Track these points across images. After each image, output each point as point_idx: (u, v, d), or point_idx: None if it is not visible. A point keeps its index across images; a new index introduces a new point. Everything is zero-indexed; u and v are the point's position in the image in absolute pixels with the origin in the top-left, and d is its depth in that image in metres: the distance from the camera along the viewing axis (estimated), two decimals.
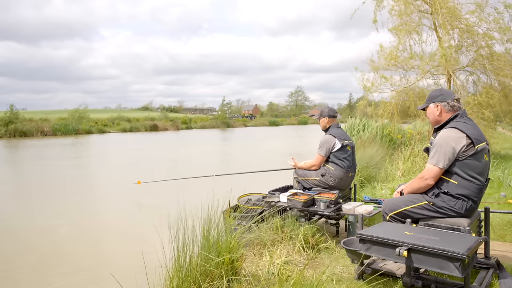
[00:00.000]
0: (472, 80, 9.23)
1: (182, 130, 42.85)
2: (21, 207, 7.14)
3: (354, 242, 2.82)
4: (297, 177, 4.16)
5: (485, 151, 2.47)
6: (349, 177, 3.98)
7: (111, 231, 5.59)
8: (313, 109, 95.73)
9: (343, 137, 3.97)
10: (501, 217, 4.07)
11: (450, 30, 8.45)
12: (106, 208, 7.03)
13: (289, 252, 3.19)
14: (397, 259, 2.17)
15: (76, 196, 8.06)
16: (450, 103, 2.58)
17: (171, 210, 2.68)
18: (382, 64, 9.20)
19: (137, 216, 6.35)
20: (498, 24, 8.17)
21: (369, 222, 3.94)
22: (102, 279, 3.68)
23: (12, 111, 31.50)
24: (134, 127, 39.30)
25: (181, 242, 2.44)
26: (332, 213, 3.49)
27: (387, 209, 2.67)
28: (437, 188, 2.48)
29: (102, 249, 4.77)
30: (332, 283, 2.62)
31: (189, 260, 2.43)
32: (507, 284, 2.45)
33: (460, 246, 2.01)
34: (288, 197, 3.64)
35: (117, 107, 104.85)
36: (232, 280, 2.48)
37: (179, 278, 2.37)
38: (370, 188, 6.16)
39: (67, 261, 4.34)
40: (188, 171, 9.69)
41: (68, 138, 28.61)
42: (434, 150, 2.47)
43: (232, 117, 67.74)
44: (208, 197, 2.71)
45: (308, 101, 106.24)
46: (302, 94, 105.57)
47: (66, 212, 6.62)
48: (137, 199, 7.26)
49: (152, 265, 2.35)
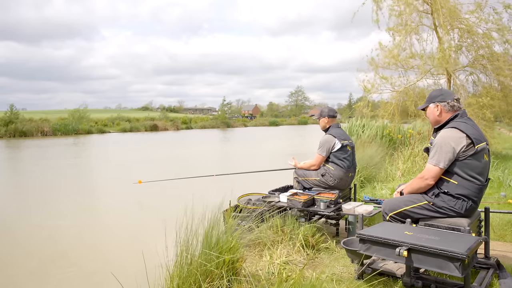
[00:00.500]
0: (472, 80, 9.25)
1: (182, 130, 42.85)
2: (21, 207, 7.14)
3: (354, 242, 2.82)
4: (297, 177, 4.16)
5: (485, 151, 2.47)
6: (349, 177, 3.98)
7: (112, 231, 5.59)
8: (313, 109, 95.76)
9: (343, 137, 3.98)
10: (501, 217, 4.07)
11: (450, 30, 8.46)
12: (106, 208, 7.03)
13: (289, 252, 3.19)
14: (397, 259, 2.17)
15: (76, 196, 8.07)
16: (450, 103, 2.58)
17: (172, 210, 2.69)
18: (382, 62, 9.21)
19: (138, 216, 6.35)
20: (498, 25, 8.18)
21: (369, 222, 3.94)
22: (102, 279, 3.69)
23: (12, 111, 31.52)
24: (134, 127, 39.31)
25: (182, 242, 2.44)
26: (332, 213, 3.49)
27: (387, 209, 2.67)
28: (437, 188, 2.48)
29: (103, 249, 4.77)
30: (332, 283, 2.62)
31: (190, 260, 2.43)
32: (507, 284, 2.45)
33: (460, 246, 2.01)
34: (288, 197, 3.64)
35: (117, 107, 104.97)
36: (232, 280, 2.48)
37: (180, 278, 2.37)
38: (370, 188, 6.16)
39: (67, 261, 4.34)
40: (188, 171, 9.68)
41: (68, 138, 28.61)
42: (434, 150, 2.47)
43: (232, 117, 67.74)
44: (208, 197, 2.72)
45: (308, 101, 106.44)
46: (302, 94, 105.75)
47: (66, 212, 6.62)
48: (137, 199, 7.26)
49: (153, 265, 2.35)
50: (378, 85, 9.40)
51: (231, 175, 5.15)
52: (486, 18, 8.33)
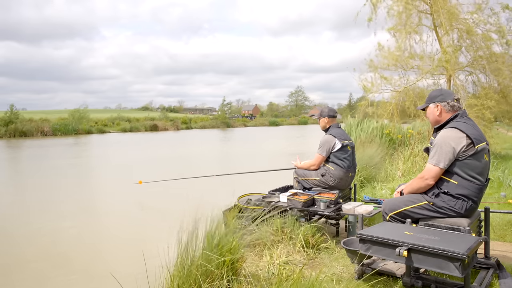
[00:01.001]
0: (472, 80, 9.25)
1: (182, 130, 42.84)
2: (21, 207, 7.14)
3: (354, 242, 2.82)
4: (297, 177, 4.16)
5: (485, 151, 2.47)
6: (349, 177, 3.98)
7: (112, 231, 5.59)
8: (313, 109, 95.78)
9: (343, 137, 3.98)
10: (501, 217, 4.07)
11: (449, 31, 8.46)
12: (106, 208, 7.03)
13: (289, 252, 3.20)
14: (397, 259, 2.17)
15: (76, 196, 8.07)
16: (450, 103, 2.58)
17: (172, 210, 2.69)
18: (381, 63, 9.21)
19: (138, 216, 6.35)
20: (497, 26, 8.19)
21: (369, 222, 3.94)
22: (102, 279, 3.68)
23: (12, 111, 31.52)
24: (134, 127, 39.30)
25: (183, 243, 2.45)
26: (332, 213, 3.49)
27: (387, 209, 2.67)
28: (437, 188, 2.48)
29: (102, 249, 4.77)
30: (332, 283, 2.62)
31: (191, 260, 2.43)
32: (507, 284, 2.46)
33: (460, 246, 2.02)
34: (288, 197, 3.64)
35: (117, 107, 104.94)
36: (232, 280, 2.48)
37: (180, 278, 2.38)
38: (370, 188, 6.16)
39: (67, 261, 4.34)
40: (188, 171, 9.68)
41: (68, 138, 28.61)
42: (434, 150, 2.47)
43: (232, 117, 67.74)
44: (208, 197, 2.72)
45: (308, 101, 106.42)
46: (302, 94, 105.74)
47: (66, 212, 6.62)
48: (138, 200, 7.26)
49: (153, 265, 2.35)
50: (378, 85, 9.40)
51: (232, 175, 5.15)
52: (485, 19, 8.34)
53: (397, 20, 9.00)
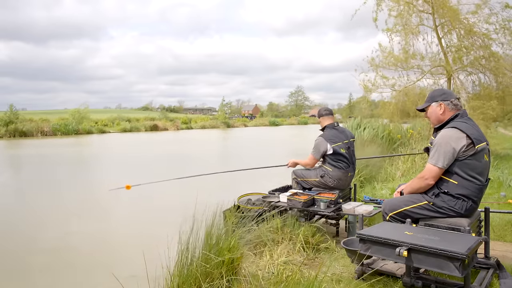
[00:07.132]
0: (472, 80, 9.24)
1: (182, 130, 42.82)
2: (20, 207, 7.14)
3: (354, 242, 2.82)
4: (296, 177, 4.15)
5: (485, 151, 2.47)
6: (348, 176, 3.97)
7: (112, 231, 5.59)
8: (313, 109, 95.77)
9: (336, 139, 3.89)
10: (501, 217, 4.07)
11: (451, 30, 8.46)
12: (106, 208, 7.02)
13: (289, 252, 3.19)
14: (397, 259, 2.17)
15: (76, 196, 8.06)
16: (453, 101, 2.58)
17: (172, 210, 2.69)
18: (382, 62, 9.21)
19: (138, 216, 6.35)
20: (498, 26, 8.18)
21: (369, 222, 3.94)
22: (102, 279, 3.68)
23: (11, 111, 31.51)
24: (134, 127, 39.26)
25: (183, 242, 2.44)
26: (332, 213, 3.49)
27: (387, 209, 2.67)
28: (437, 188, 2.48)
29: (102, 249, 4.77)
30: (332, 283, 2.62)
31: (191, 260, 2.43)
32: (507, 284, 2.45)
33: (460, 246, 2.01)
34: (288, 197, 3.64)
35: (117, 107, 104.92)
36: (232, 280, 2.48)
37: (180, 277, 2.38)
38: (370, 188, 6.16)
39: (67, 261, 4.34)
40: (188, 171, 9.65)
41: (69, 138, 28.59)
42: (434, 149, 2.47)
43: (232, 117, 67.71)
44: (209, 197, 2.72)
45: (308, 101, 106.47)
46: (302, 94, 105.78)
47: (66, 213, 6.62)
48: (138, 200, 7.25)
49: (153, 265, 2.35)
50: (379, 84, 9.40)
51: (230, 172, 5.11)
52: (486, 19, 8.33)
53: (398, 20, 9.00)
